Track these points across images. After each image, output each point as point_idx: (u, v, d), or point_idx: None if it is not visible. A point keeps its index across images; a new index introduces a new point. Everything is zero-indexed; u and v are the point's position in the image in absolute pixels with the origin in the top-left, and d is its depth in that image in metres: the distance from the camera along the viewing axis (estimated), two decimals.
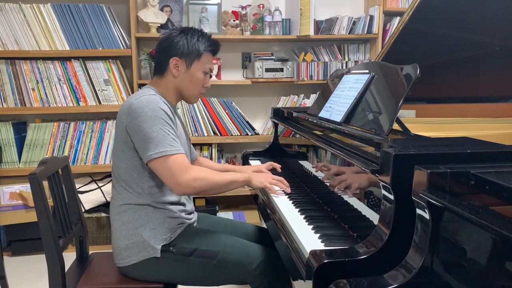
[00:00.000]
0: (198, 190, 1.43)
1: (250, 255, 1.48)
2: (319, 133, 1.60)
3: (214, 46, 1.59)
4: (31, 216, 2.74)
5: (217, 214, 3.06)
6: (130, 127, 1.42)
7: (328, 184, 1.48)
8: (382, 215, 1.00)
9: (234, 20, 3.09)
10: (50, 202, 1.59)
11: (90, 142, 2.94)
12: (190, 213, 1.61)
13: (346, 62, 3.16)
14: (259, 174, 1.61)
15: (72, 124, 2.92)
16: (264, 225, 1.77)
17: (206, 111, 3.06)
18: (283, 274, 1.49)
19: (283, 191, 1.60)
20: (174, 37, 1.54)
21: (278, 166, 1.78)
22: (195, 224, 1.64)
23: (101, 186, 2.93)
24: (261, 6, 3.11)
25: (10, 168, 2.87)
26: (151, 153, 1.39)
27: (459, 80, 1.98)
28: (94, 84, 2.91)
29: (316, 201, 1.49)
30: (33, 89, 2.85)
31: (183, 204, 1.57)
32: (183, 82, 1.56)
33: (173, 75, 1.54)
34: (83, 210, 2.80)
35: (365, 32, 3.08)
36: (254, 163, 2.14)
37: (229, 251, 1.47)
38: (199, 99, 1.64)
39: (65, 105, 2.90)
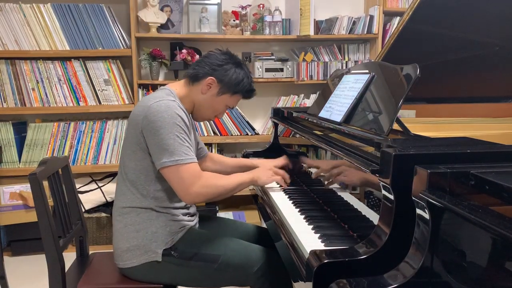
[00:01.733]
0: (208, 198, 1.46)
1: (251, 258, 1.48)
2: (319, 133, 1.60)
3: (250, 94, 1.61)
4: (31, 216, 2.74)
5: (217, 214, 3.06)
6: (146, 130, 1.41)
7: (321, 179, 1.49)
8: (382, 215, 1.00)
9: (234, 20, 3.09)
10: (50, 202, 1.59)
11: (90, 142, 2.94)
12: (192, 215, 1.61)
13: (346, 62, 3.16)
14: (262, 171, 1.61)
15: (72, 124, 2.92)
16: (264, 225, 1.77)
17: None
18: (284, 276, 1.48)
19: (282, 189, 1.62)
20: (227, 63, 1.54)
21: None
22: (196, 226, 1.63)
23: (101, 186, 2.93)
24: (261, 6, 3.11)
25: (10, 168, 2.87)
26: (165, 160, 1.38)
27: (459, 80, 1.98)
28: (94, 84, 2.91)
29: (316, 201, 1.49)
30: (33, 89, 2.85)
31: (187, 207, 1.57)
32: (204, 102, 1.56)
33: (201, 91, 1.54)
34: (83, 210, 2.80)
35: (365, 32, 3.08)
36: None
37: (230, 254, 1.47)
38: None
39: (65, 105, 2.90)
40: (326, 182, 1.49)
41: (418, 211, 0.88)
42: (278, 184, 1.65)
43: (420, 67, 1.25)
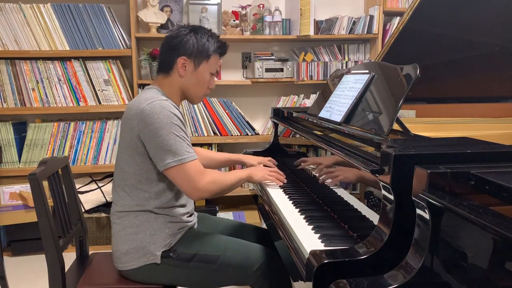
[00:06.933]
0: (214, 193, 1.45)
1: (250, 257, 1.48)
2: (319, 133, 1.60)
3: (223, 48, 1.57)
4: (31, 216, 2.74)
5: (217, 214, 3.06)
6: (144, 133, 1.39)
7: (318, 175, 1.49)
8: (382, 215, 1.00)
9: (234, 20, 3.09)
10: (50, 202, 1.59)
11: (90, 142, 2.94)
12: (190, 215, 1.60)
13: (346, 62, 3.16)
14: (257, 168, 1.67)
15: (72, 124, 2.92)
16: (264, 226, 1.77)
17: (206, 111, 3.06)
18: (283, 275, 1.49)
19: (282, 189, 1.62)
20: (184, 36, 1.50)
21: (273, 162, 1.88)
22: (195, 226, 1.63)
23: (101, 186, 2.93)
24: (261, 6, 3.11)
25: (10, 168, 2.87)
26: (169, 161, 1.37)
27: (459, 80, 1.98)
28: (94, 84, 2.91)
29: (316, 201, 1.49)
30: (33, 89, 2.85)
31: (185, 206, 1.56)
32: (189, 82, 1.53)
33: (179, 74, 1.51)
34: (83, 210, 2.80)
35: (365, 32, 3.08)
36: None
37: (229, 254, 1.47)
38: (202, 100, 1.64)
39: (65, 105, 2.90)
40: (321, 178, 1.53)
41: (418, 211, 0.88)
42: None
43: (420, 67, 1.25)
